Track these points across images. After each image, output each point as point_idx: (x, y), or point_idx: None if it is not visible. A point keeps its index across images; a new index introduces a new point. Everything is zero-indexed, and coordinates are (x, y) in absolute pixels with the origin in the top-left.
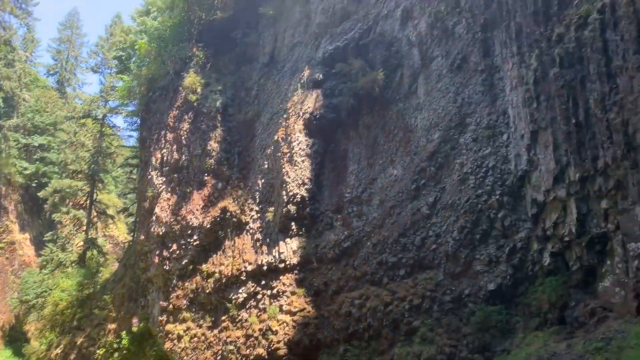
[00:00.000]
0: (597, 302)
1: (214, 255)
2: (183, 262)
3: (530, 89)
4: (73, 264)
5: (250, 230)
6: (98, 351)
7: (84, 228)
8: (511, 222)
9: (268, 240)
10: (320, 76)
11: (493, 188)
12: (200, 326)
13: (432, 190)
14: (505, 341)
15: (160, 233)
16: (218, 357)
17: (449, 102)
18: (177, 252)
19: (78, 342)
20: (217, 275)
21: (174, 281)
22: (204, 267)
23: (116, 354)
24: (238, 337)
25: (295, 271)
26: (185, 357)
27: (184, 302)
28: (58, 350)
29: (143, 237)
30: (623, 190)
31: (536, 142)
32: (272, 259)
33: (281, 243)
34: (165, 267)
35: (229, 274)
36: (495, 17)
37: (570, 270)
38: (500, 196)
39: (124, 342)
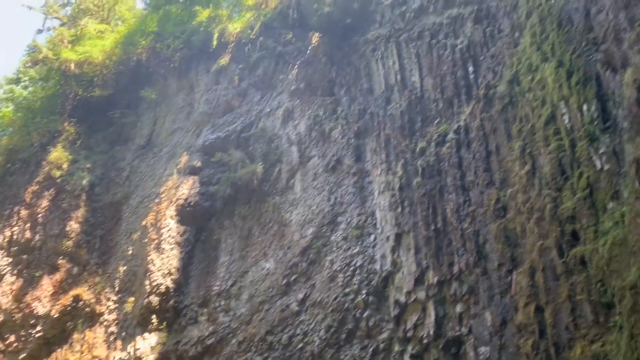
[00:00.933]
0: None
1: (59, 350)
2: (20, 357)
3: (396, 194)
4: None
5: (105, 322)
6: None
7: None
8: (375, 322)
9: (124, 334)
10: (199, 163)
11: (360, 287)
12: None
13: (303, 286)
14: None
15: None
16: None
17: (323, 200)
18: (15, 344)
19: None
20: None
21: None
22: None
23: None
24: None
25: None
26: None
27: None
28: None
29: None
30: (475, 296)
31: (400, 245)
32: (125, 356)
33: (138, 338)
34: None
35: None
36: (367, 126)
37: None
38: (366, 295)
39: None
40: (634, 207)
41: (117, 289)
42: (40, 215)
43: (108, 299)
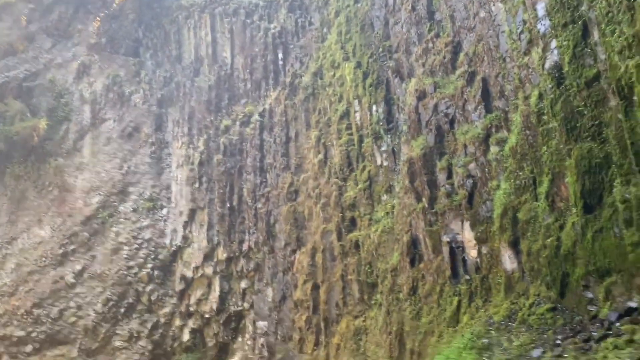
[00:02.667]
0: None
1: None
2: None
3: (195, 170)
4: None
5: None
6: None
7: None
8: (158, 296)
9: None
10: None
11: (146, 261)
12: None
13: (82, 257)
14: None
15: None
16: None
17: (114, 167)
18: None
19: None
20: None
21: None
22: None
23: None
24: None
25: None
26: None
27: None
28: None
29: None
30: (260, 273)
31: (193, 220)
32: None
33: None
34: None
35: None
36: (172, 95)
37: (207, 346)
38: (152, 270)
39: None
40: (402, 201)
41: None
42: None
43: None
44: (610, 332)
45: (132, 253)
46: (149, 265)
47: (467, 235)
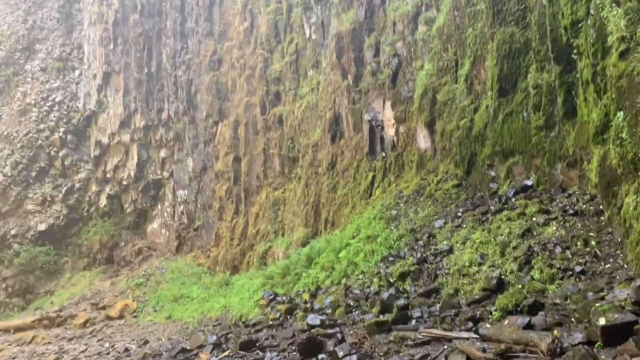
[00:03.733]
0: (144, 242)
1: None
2: None
3: (109, 30)
4: None
5: None
6: None
7: None
8: (72, 162)
9: None
10: None
11: (57, 124)
12: None
13: None
14: (51, 282)
15: None
16: None
17: (17, 21)
18: None
19: None
20: None
21: None
22: None
23: None
24: None
25: None
26: None
27: None
28: None
29: None
30: (180, 142)
31: (108, 85)
32: None
33: None
34: None
35: None
36: None
37: (125, 212)
38: (64, 134)
39: None
40: (327, 77)
41: None
42: None
43: None
44: (507, 206)
45: (42, 115)
46: (62, 129)
47: (388, 115)
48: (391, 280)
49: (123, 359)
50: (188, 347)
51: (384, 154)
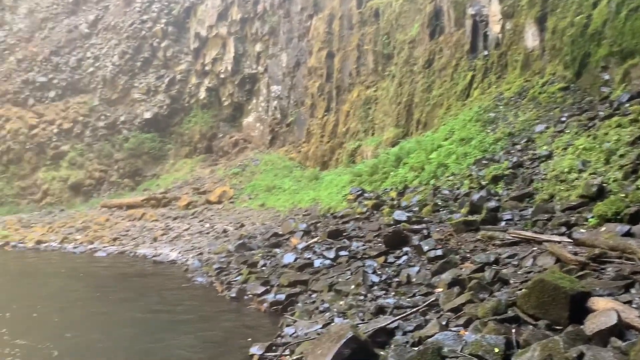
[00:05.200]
0: (240, 135)
1: None
2: None
3: None
4: None
5: None
6: None
7: None
8: (173, 53)
9: None
10: None
11: (159, 16)
12: None
13: (94, 7)
14: (157, 166)
15: None
16: None
17: None
18: None
19: None
20: None
21: None
22: None
23: None
24: None
25: None
26: None
27: None
28: None
29: None
30: (275, 37)
31: None
32: None
33: None
34: None
35: None
36: None
37: (222, 105)
38: (165, 25)
39: None
40: None
41: None
42: None
43: None
44: (618, 112)
45: (145, 6)
46: (163, 21)
47: (494, 9)
48: (483, 183)
49: (221, 238)
50: (280, 232)
51: (486, 53)
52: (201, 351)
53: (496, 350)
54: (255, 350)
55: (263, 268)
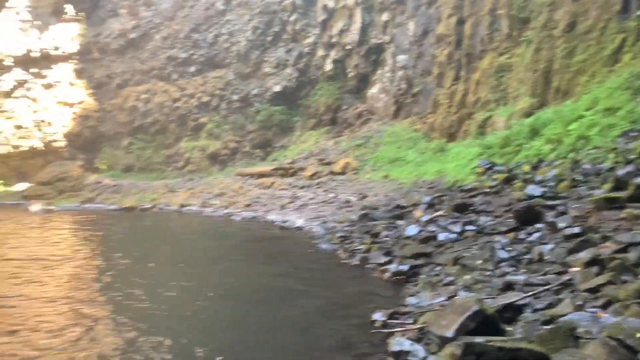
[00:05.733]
0: (365, 106)
1: None
2: None
3: None
4: None
5: (15, 9)
6: None
7: None
8: (301, 26)
9: (40, 23)
10: None
11: None
12: None
13: None
14: (285, 138)
15: None
16: None
17: None
18: None
19: None
20: None
21: None
22: None
23: None
24: (6, 128)
25: (74, 60)
26: None
27: None
28: None
29: None
30: (402, 5)
31: None
32: (44, 45)
33: (55, 27)
34: None
35: None
36: None
37: (347, 76)
38: None
39: None
40: None
41: None
42: None
43: None
44: None
45: None
46: None
47: None
48: (630, 157)
49: (344, 208)
50: (403, 204)
51: (639, 13)
52: (325, 313)
53: (638, 335)
54: (378, 316)
55: (385, 238)
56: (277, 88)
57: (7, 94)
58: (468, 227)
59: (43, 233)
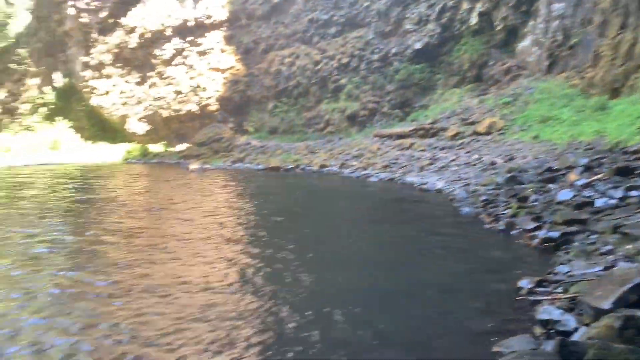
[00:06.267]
0: (513, 61)
1: (135, 9)
2: (101, 15)
3: None
4: None
5: None
6: (22, 106)
7: None
8: None
9: None
10: None
11: None
12: (127, 82)
13: None
14: (425, 97)
15: None
16: (149, 112)
17: None
18: (94, 3)
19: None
20: (140, 30)
21: (94, 35)
22: (124, 21)
23: (42, 109)
24: (168, 93)
25: (224, 28)
26: (114, 112)
27: (108, 57)
28: None
29: None
30: None
31: None
32: (198, 14)
33: None
34: (82, 19)
35: (153, 29)
36: None
37: (494, 30)
38: None
39: (49, 97)
40: None
41: None
42: None
43: None
44: None
45: None
46: None
47: None
48: None
49: (489, 170)
50: (555, 167)
51: None
52: (467, 278)
53: None
54: (525, 284)
55: (534, 203)
56: (418, 45)
57: (168, 62)
58: (632, 193)
59: (206, 187)
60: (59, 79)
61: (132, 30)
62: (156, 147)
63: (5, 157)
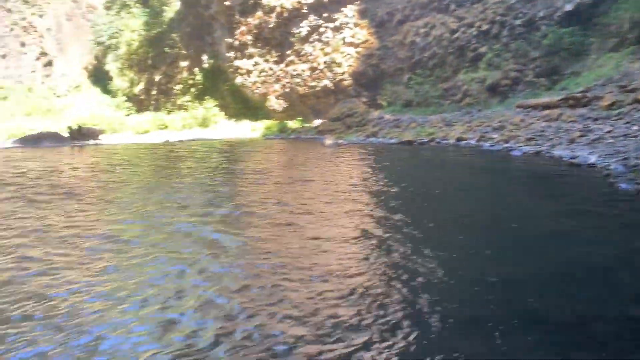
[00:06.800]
0: None
1: None
2: None
3: None
4: (136, 4)
5: None
6: (175, 87)
7: None
8: None
9: None
10: None
11: None
12: (267, 61)
13: None
14: (576, 64)
15: None
16: (286, 90)
17: None
18: None
19: (156, 79)
20: (278, 9)
21: (237, 17)
22: (264, 1)
23: (192, 89)
24: (304, 70)
25: (358, 1)
26: (255, 90)
27: (249, 38)
28: (140, 87)
29: None
30: None
31: None
32: None
33: None
34: (226, 2)
35: (290, 7)
36: None
37: None
38: None
39: (198, 77)
40: None
41: None
42: None
43: None
44: None
45: None
46: None
47: None
48: None
49: None
50: None
51: None
52: (623, 261)
53: None
54: None
55: None
56: (569, 7)
57: (304, 40)
58: None
59: (343, 162)
60: (206, 61)
61: (271, 9)
62: (293, 124)
63: (162, 133)
